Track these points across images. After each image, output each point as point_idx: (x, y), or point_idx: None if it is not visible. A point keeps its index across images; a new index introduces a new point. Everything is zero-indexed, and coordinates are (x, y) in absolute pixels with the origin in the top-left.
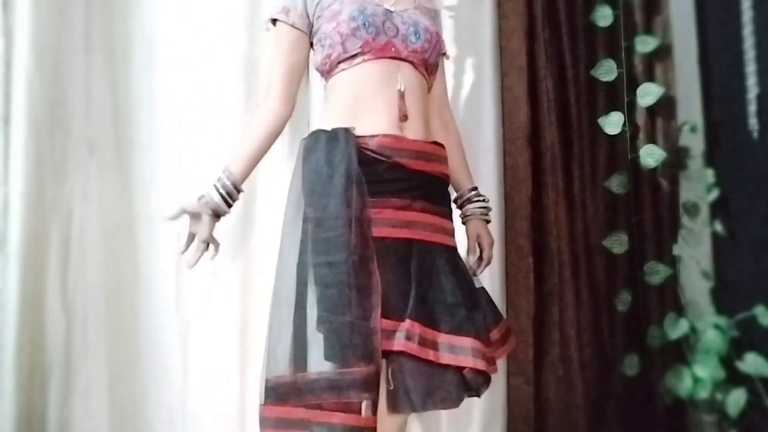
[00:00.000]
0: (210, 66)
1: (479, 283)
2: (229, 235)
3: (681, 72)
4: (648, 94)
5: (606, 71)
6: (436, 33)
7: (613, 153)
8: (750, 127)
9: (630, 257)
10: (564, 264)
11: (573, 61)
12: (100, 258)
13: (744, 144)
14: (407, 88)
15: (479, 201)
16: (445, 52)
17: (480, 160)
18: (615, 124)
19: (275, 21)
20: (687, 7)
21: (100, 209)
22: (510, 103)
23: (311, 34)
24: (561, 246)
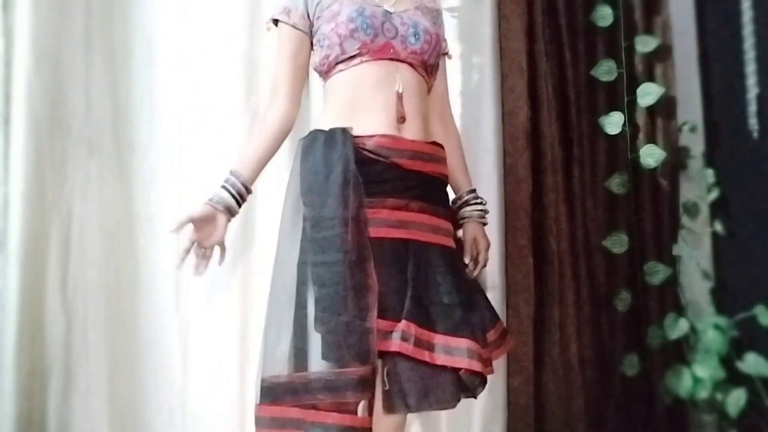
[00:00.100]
0: (210, 66)
1: (477, 285)
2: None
3: (681, 72)
4: (648, 94)
5: (606, 71)
6: (436, 34)
7: (613, 153)
8: (750, 127)
9: (630, 257)
10: (564, 264)
11: (573, 61)
12: (100, 258)
13: (744, 144)
14: (406, 89)
15: (477, 204)
16: (447, 51)
17: (480, 160)
18: (615, 124)
19: (276, 21)
20: (687, 7)
21: (100, 209)
22: (510, 103)
23: (312, 34)
24: (561, 246)
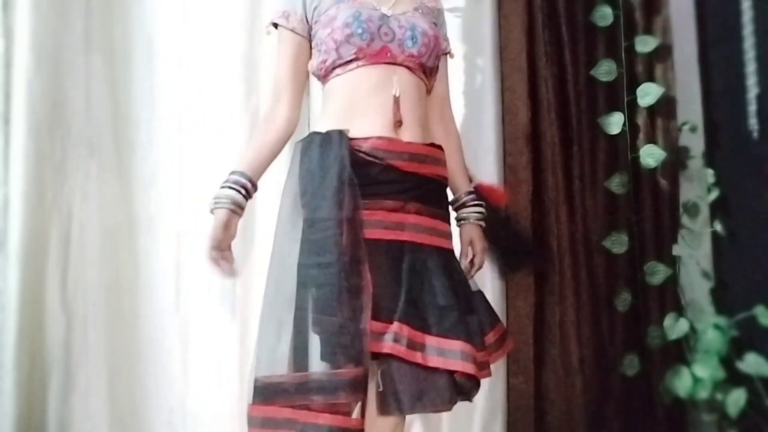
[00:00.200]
0: (210, 66)
1: (476, 287)
2: None
3: (681, 72)
4: (648, 94)
5: (606, 71)
6: (434, 36)
7: (613, 153)
8: (750, 127)
9: (630, 257)
10: (564, 264)
11: (573, 61)
12: (100, 258)
13: (744, 144)
14: (403, 92)
15: (475, 206)
16: (449, 51)
17: (480, 160)
18: (615, 124)
19: (276, 25)
20: (687, 7)
21: (100, 209)
22: (510, 103)
23: (311, 38)
24: (561, 246)
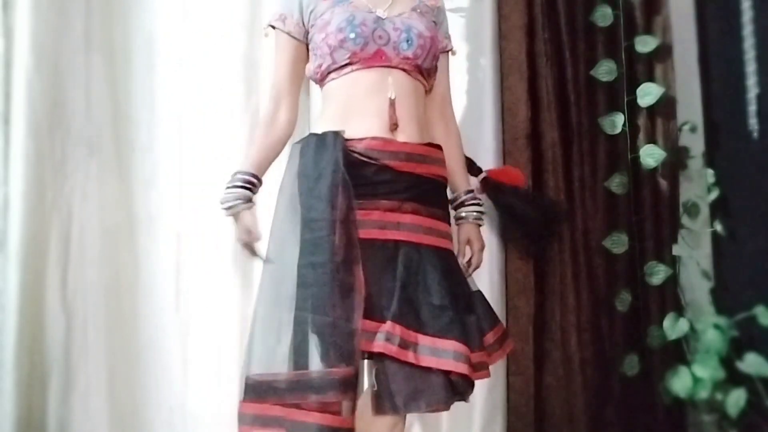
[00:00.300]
0: (210, 66)
1: (475, 286)
2: (230, 236)
3: (681, 72)
4: (648, 94)
5: (606, 71)
6: (430, 38)
7: (613, 153)
8: (750, 127)
9: (630, 257)
10: (564, 264)
11: (573, 61)
12: (100, 258)
13: (744, 144)
14: (399, 94)
15: (473, 205)
16: (451, 48)
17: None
18: (615, 124)
19: (274, 26)
20: (687, 7)
21: (100, 209)
22: (510, 103)
23: (308, 41)
24: (561, 246)
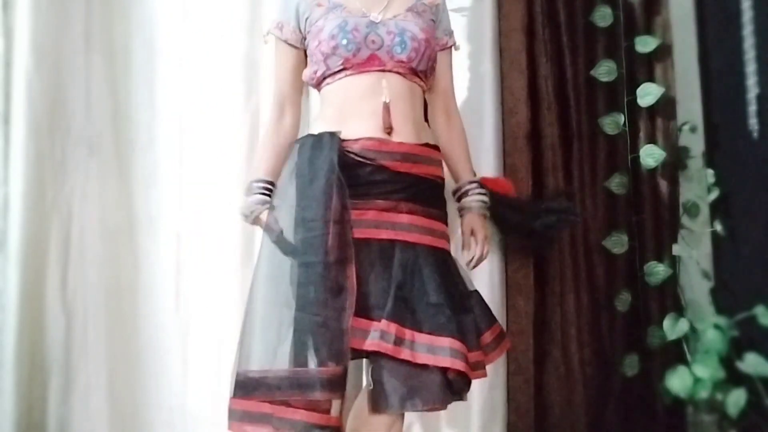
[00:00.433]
0: (210, 66)
1: (472, 286)
2: (231, 237)
3: (681, 72)
4: (648, 94)
5: (606, 71)
6: (425, 40)
7: (613, 153)
8: (750, 127)
9: (630, 257)
10: (564, 264)
11: (573, 61)
12: (100, 258)
13: (744, 144)
14: (394, 97)
15: (476, 194)
16: (453, 44)
17: (480, 160)
18: (615, 124)
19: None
20: (687, 7)
21: (100, 209)
22: (510, 103)
23: (305, 46)
24: (561, 246)
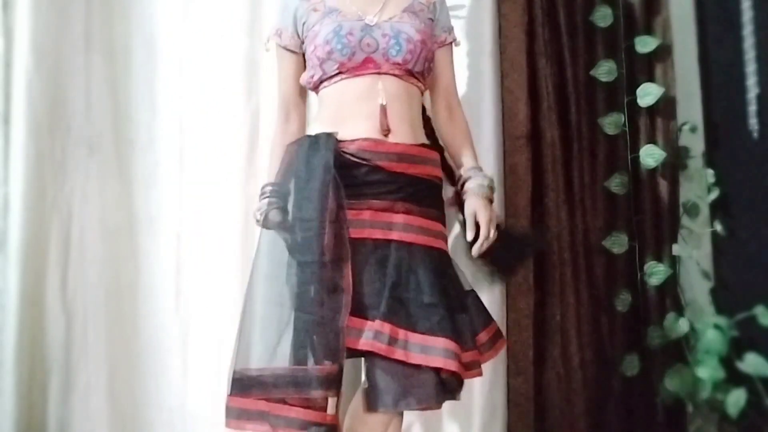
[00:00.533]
0: (210, 66)
1: (469, 286)
2: (231, 237)
3: (681, 72)
4: (648, 94)
5: (606, 71)
6: (420, 41)
7: (613, 153)
8: (750, 127)
9: (630, 257)
10: (564, 264)
11: (573, 61)
12: (100, 258)
13: (744, 144)
14: (391, 99)
15: (478, 178)
16: (453, 40)
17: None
18: (615, 124)
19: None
20: (687, 7)
21: (100, 209)
22: (510, 103)
23: (304, 51)
24: (561, 246)
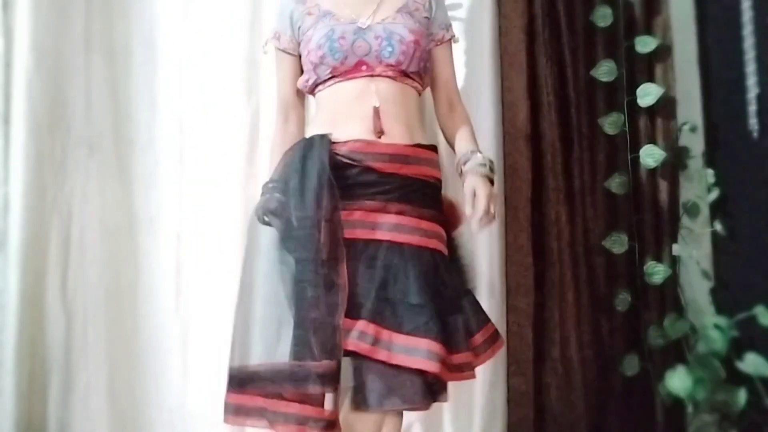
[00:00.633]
0: (210, 66)
1: (473, 282)
2: (231, 237)
3: (681, 72)
4: (648, 94)
5: (606, 71)
6: (413, 42)
7: (613, 153)
8: (750, 127)
9: (630, 257)
10: (564, 264)
11: (573, 61)
12: (100, 258)
13: (744, 144)
14: (385, 101)
15: (477, 158)
16: (452, 37)
17: None
18: (615, 124)
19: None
20: (687, 7)
21: (100, 209)
22: (510, 104)
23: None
24: (561, 246)
